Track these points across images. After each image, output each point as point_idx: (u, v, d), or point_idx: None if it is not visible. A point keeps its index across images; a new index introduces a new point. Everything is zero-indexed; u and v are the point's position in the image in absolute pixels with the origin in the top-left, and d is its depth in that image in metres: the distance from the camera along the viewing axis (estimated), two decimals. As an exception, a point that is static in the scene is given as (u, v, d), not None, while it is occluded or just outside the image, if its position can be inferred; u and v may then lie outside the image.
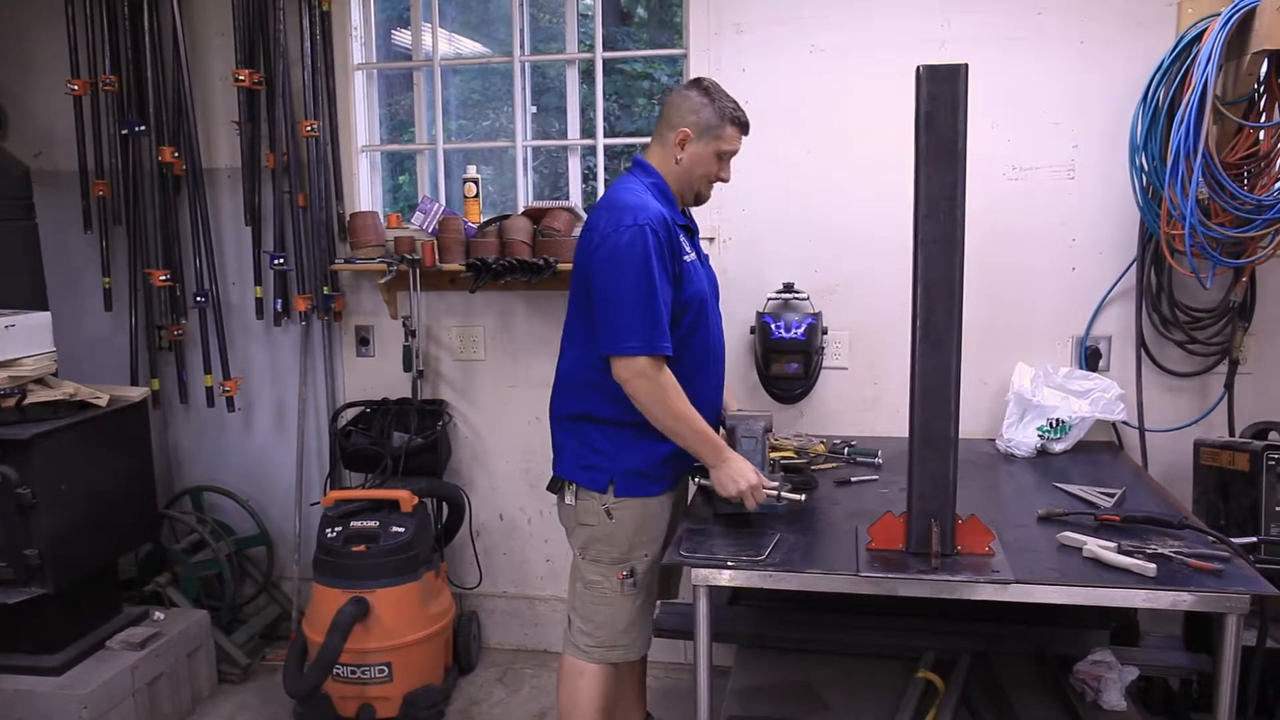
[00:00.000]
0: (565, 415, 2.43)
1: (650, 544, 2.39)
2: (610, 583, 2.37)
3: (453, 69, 3.68)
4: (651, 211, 2.23)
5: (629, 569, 2.36)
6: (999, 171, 3.05)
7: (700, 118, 2.35)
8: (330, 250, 3.47)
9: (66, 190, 3.63)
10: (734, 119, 2.38)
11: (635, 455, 2.34)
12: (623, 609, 2.39)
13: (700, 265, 2.44)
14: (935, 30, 3.02)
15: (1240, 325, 2.91)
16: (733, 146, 2.41)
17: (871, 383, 3.23)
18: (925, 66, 1.90)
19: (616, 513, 2.35)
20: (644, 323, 2.18)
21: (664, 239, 2.22)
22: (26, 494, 2.74)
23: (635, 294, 2.18)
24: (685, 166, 2.38)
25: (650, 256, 2.19)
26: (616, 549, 2.37)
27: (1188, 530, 2.15)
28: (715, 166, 2.41)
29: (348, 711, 3.08)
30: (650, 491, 2.37)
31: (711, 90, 2.37)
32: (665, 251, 2.23)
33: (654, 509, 2.39)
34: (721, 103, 2.36)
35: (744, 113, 2.40)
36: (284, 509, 3.73)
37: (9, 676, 2.85)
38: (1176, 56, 2.69)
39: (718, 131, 2.36)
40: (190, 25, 3.46)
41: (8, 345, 2.81)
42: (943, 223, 1.93)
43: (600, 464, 2.35)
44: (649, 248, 2.19)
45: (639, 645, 2.45)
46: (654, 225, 2.21)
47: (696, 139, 2.36)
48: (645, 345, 2.17)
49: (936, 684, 2.42)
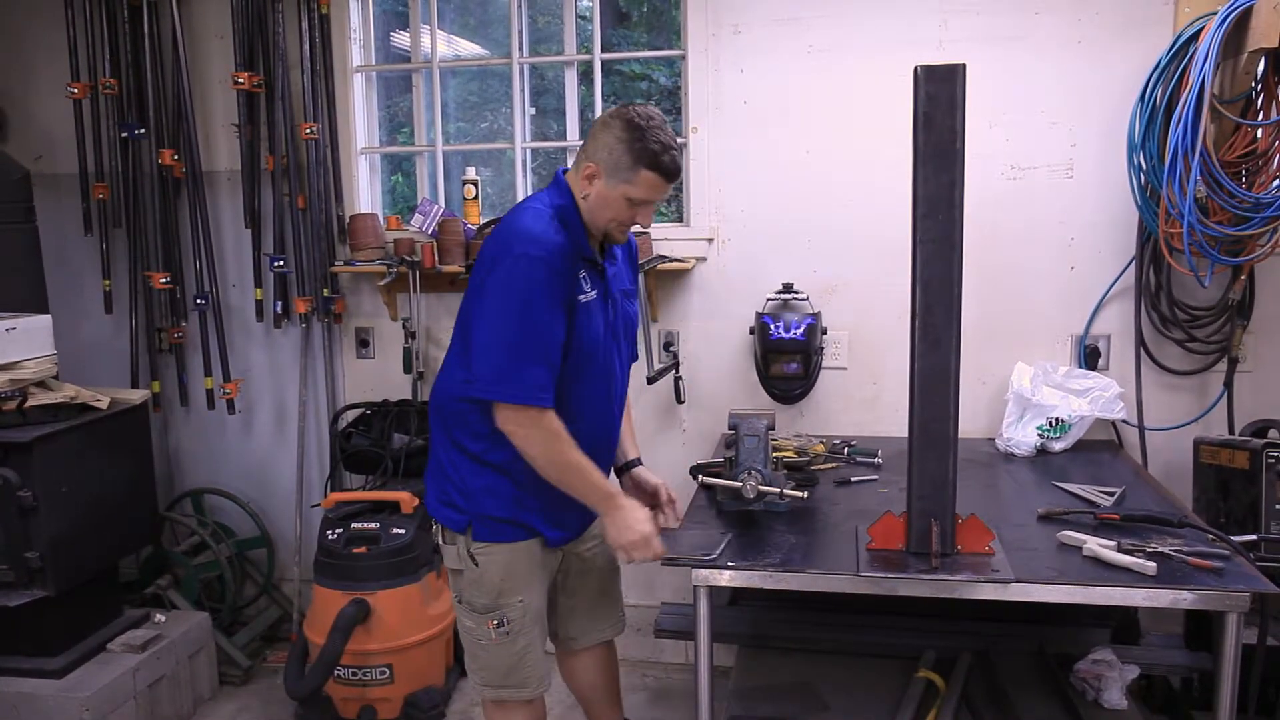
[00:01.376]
0: (435, 436, 2.22)
1: (524, 589, 2.18)
2: (483, 630, 2.19)
3: (451, 71, 3.69)
4: (548, 242, 1.97)
5: (499, 618, 2.16)
6: (997, 171, 3.05)
7: (613, 155, 1.99)
8: (330, 252, 3.48)
9: (67, 193, 3.63)
10: (653, 162, 1.98)
11: (493, 501, 2.13)
12: (502, 655, 2.20)
13: (600, 307, 2.11)
14: (933, 30, 3.02)
15: (1239, 323, 2.91)
16: (646, 195, 2.02)
17: (871, 383, 3.24)
18: (923, 66, 1.90)
19: (480, 558, 2.14)
20: (524, 369, 1.95)
21: (561, 273, 1.97)
22: (28, 497, 2.74)
23: (518, 335, 1.95)
24: (590, 205, 2.05)
25: (538, 293, 1.94)
26: (485, 595, 2.16)
27: (1188, 528, 2.16)
28: (626, 212, 2.05)
29: (349, 713, 3.09)
30: (511, 538, 2.15)
31: (636, 125, 1.98)
32: (558, 290, 1.97)
33: (522, 554, 2.17)
34: (644, 143, 1.97)
35: (673, 156, 2.01)
36: (284, 511, 3.73)
37: (10, 679, 2.85)
38: (1174, 55, 2.70)
39: (628, 175, 1.99)
40: (189, 28, 3.46)
41: (9, 348, 2.82)
42: (941, 222, 1.93)
43: (459, 503, 2.15)
44: (537, 282, 1.94)
45: (531, 685, 2.25)
46: (548, 258, 1.95)
47: (605, 178, 2.01)
48: (525, 393, 1.96)
49: (937, 683, 2.42)
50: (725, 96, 3.19)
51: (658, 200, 2.08)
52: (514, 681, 2.25)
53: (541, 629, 2.30)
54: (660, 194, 2.06)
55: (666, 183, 2.03)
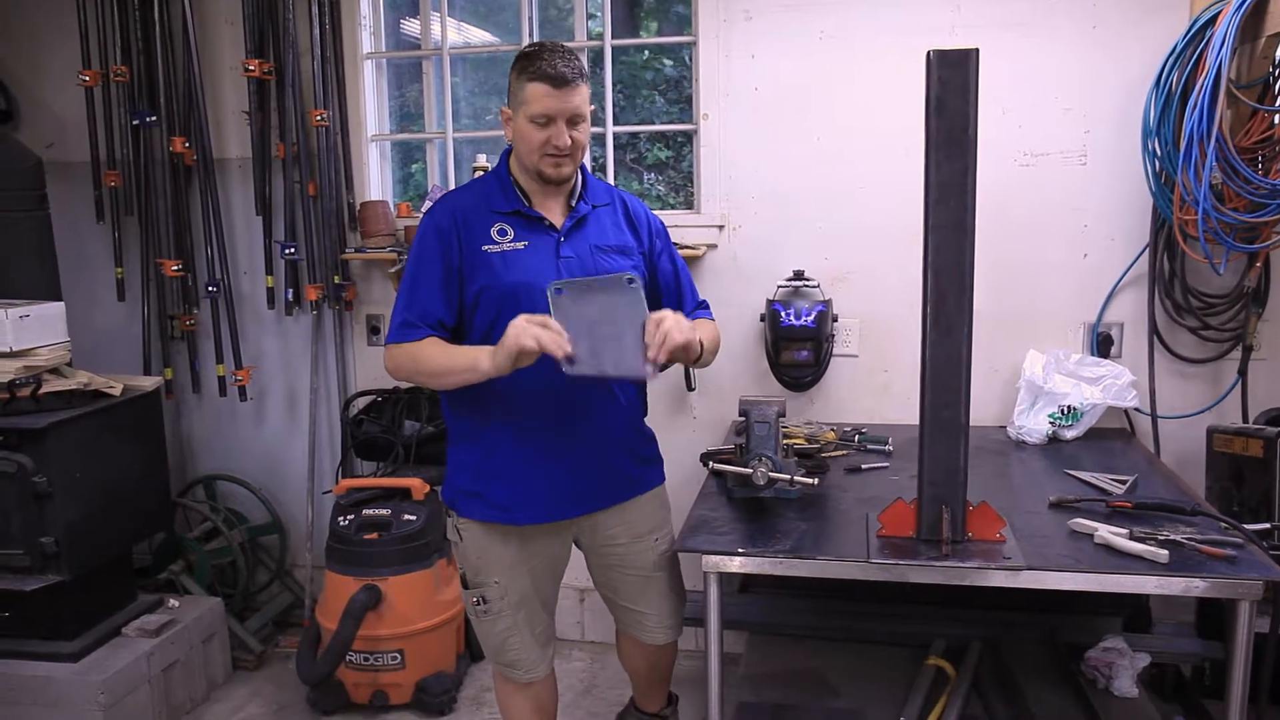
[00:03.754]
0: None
1: (501, 573, 2.22)
2: (469, 605, 2.28)
3: (462, 58, 3.68)
4: (448, 202, 2.17)
5: (478, 596, 2.24)
6: (1010, 157, 3.03)
7: (511, 89, 2.10)
8: (341, 239, 3.48)
9: (78, 181, 3.64)
10: (536, 74, 2.02)
11: (463, 475, 2.22)
12: (490, 631, 2.28)
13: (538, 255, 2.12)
14: (945, 15, 3.00)
15: (1254, 311, 2.89)
16: (541, 107, 2.03)
17: (882, 370, 3.23)
18: (935, 52, 1.88)
19: (463, 532, 2.23)
20: (399, 314, 2.11)
21: (447, 229, 2.11)
22: (42, 483, 2.77)
23: (402, 289, 2.12)
24: (517, 150, 2.15)
25: (423, 250, 2.11)
26: (467, 570, 2.26)
27: (1200, 517, 2.14)
28: (538, 135, 2.06)
29: (360, 698, 3.11)
30: (481, 516, 2.19)
31: (524, 54, 2.08)
32: (448, 243, 2.10)
33: (496, 536, 2.21)
34: (528, 62, 2.05)
35: (553, 63, 2.02)
36: (296, 497, 3.74)
37: (26, 663, 2.88)
38: (1190, 40, 2.67)
39: (522, 96, 2.06)
40: (200, 15, 3.46)
41: (22, 335, 2.84)
42: (953, 209, 1.92)
43: (449, 477, 2.27)
44: (424, 240, 2.12)
45: (520, 668, 2.29)
46: (433, 215, 2.14)
47: (514, 113, 2.10)
48: (392, 334, 2.11)
49: (947, 671, 2.42)
50: (736, 83, 3.17)
51: (559, 113, 2.05)
52: (503, 661, 2.31)
53: (530, 616, 2.29)
54: (557, 104, 2.03)
55: (556, 89, 2.02)
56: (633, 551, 2.33)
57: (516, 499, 2.19)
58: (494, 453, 2.17)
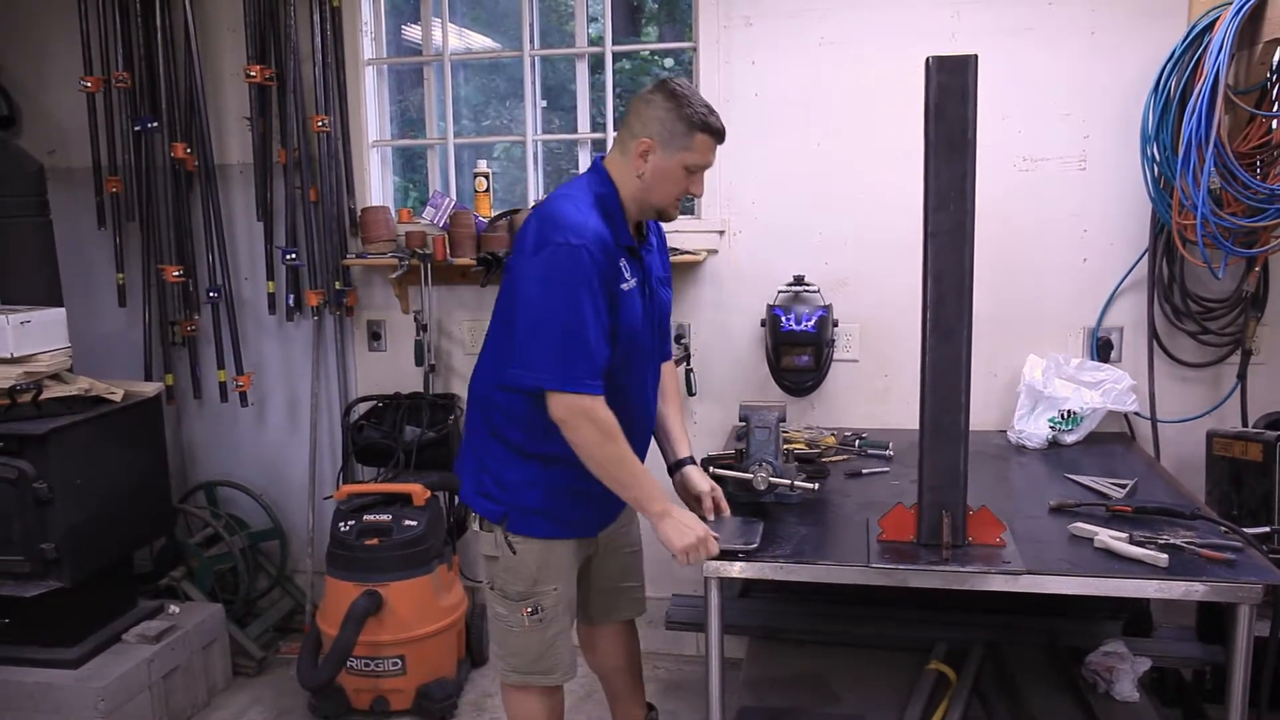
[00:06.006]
0: (472, 426, 2.26)
1: (557, 579, 2.22)
2: (516, 617, 2.22)
3: (463, 64, 3.69)
4: (587, 230, 1.98)
5: (534, 605, 2.21)
6: (1009, 163, 3.04)
7: (665, 126, 2.04)
8: (342, 245, 3.49)
9: (80, 187, 3.65)
10: (704, 125, 2.05)
11: (534, 493, 2.16)
12: (533, 641, 2.24)
13: (640, 295, 2.13)
14: (945, 21, 3.01)
15: (1253, 315, 2.90)
16: (703, 159, 2.08)
17: (882, 375, 3.23)
18: (935, 58, 1.89)
19: (519, 546, 2.18)
20: (577, 356, 1.96)
21: (601, 263, 1.97)
22: (43, 488, 2.76)
23: (565, 323, 1.95)
24: (647, 181, 2.08)
25: (583, 282, 1.95)
26: (521, 583, 2.20)
27: (1200, 521, 2.15)
28: (683, 181, 2.09)
29: (361, 704, 3.11)
30: (548, 533, 2.18)
31: (679, 94, 2.04)
32: (600, 278, 1.98)
33: (559, 552, 2.22)
34: (690, 109, 2.03)
35: (717, 118, 2.08)
36: (297, 503, 3.75)
37: (27, 669, 2.88)
38: (1188, 46, 2.68)
39: (685, 142, 2.05)
40: (201, 21, 3.47)
41: (24, 341, 2.84)
42: (953, 214, 1.92)
43: (495, 493, 2.18)
44: (581, 272, 1.95)
45: (559, 672, 2.29)
46: (590, 247, 1.96)
47: (660, 149, 2.05)
48: (576, 381, 1.96)
49: (948, 675, 2.42)
50: (736, 89, 3.18)
51: (709, 165, 2.12)
52: (542, 668, 2.28)
53: (571, 616, 2.34)
54: (712, 157, 2.11)
55: (718, 144, 2.11)
56: (628, 529, 2.47)
57: (591, 516, 2.26)
58: (576, 476, 2.09)
